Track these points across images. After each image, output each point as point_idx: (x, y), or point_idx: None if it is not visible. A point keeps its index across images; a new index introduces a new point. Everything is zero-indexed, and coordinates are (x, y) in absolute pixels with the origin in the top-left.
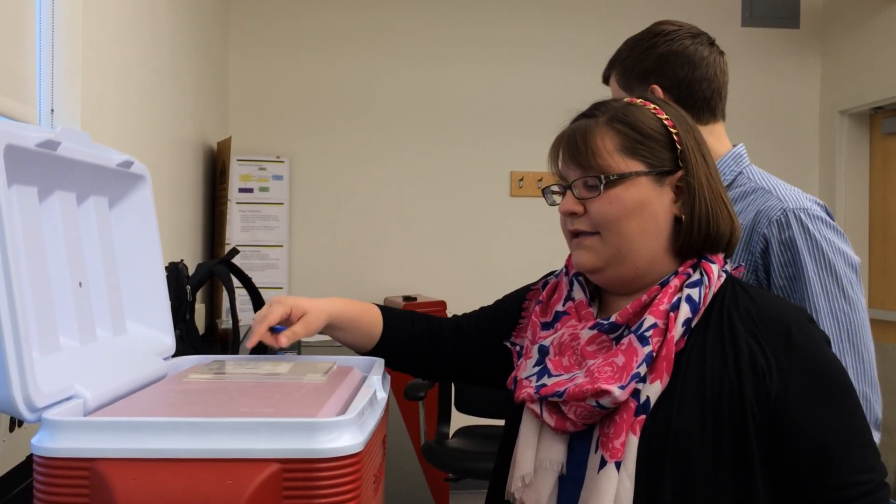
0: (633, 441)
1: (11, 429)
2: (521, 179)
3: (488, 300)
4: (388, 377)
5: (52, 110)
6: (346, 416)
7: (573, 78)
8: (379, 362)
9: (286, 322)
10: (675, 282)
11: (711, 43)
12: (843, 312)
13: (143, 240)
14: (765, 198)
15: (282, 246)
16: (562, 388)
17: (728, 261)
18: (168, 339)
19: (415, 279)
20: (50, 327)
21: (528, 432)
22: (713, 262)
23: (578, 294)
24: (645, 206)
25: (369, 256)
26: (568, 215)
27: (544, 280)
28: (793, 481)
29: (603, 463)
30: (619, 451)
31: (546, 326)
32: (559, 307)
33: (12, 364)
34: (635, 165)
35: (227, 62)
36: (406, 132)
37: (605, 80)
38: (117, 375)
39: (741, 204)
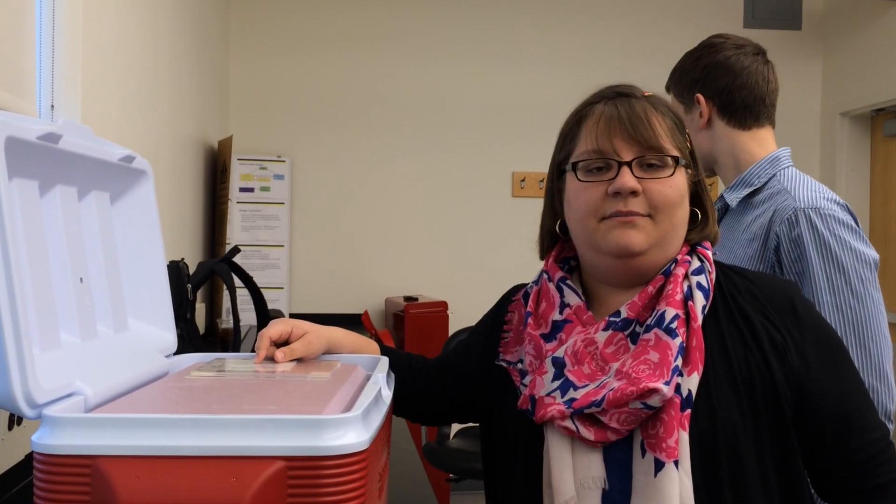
0: (685, 437)
1: (10, 427)
2: (523, 180)
3: (490, 300)
4: (393, 375)
5: (53, 106)
6: (351, 413)
7: (575, 79)
8: (384, 360)
9: (286, 340)
10: (679, 270)
11: (756, 53)
12: (849, 307)
13: (145, 236)
14: (783, 198)
15: (283, 246)
16: (598, 397)
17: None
18: (170, 337)
19: (416, 279)
20: (51, 323)
21: (560, 453)
22: (707, 249)
23: (573, 299)
24: (685, 195)
25: (370, 256)
26: (629, 193)
27: (525, 292)
28: (816, 450)
29: (659, 465)
30: (674, 450)
31: (548, 338)
32: (556, 316)
33: (12, 360)
34: (678, 153)
35: (228, 61)
36: (408, 132)
37: (668, 91)
38: (118, 372)
39: (766, 205)
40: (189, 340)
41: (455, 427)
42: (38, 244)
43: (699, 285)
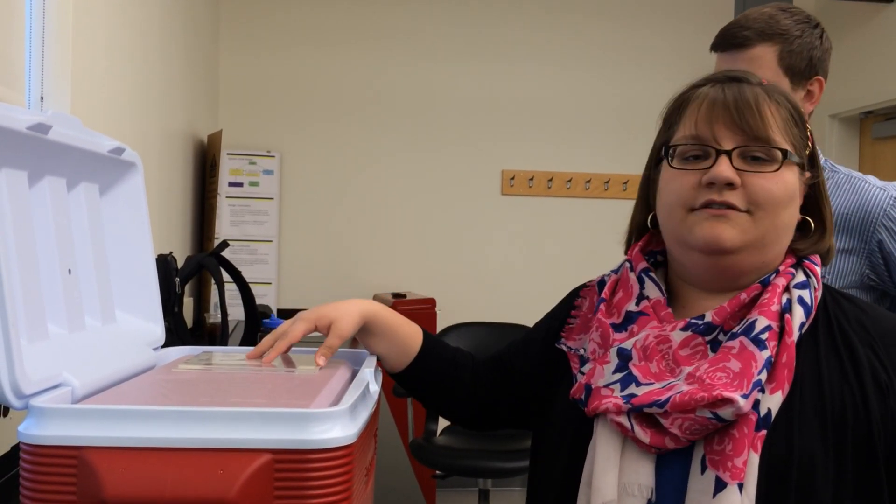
0: (755, 460)
1: None
2: (513, 178)
3: (478, 298)
4: (381, 371)
5: (42, 98)
6: (338, 407)
7: (566, 77)
8: (371, 357)
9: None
10: (780, 281)
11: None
12: None
13: (134, 228)
14: (865, 186)
15: (271, 241)
16: (663, 398)
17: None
18: (158, 329)
19: (405, 276)
20: (38, 314)
21: (607, 450)
22: (817, 265)
23: (653, 292)
24: (795, 198)
25: (359, 253)
26: (725, 185)
27: (600, 279)
28: None
29: (720, 485)
30: (741, 472)
31: (618, 328)
32: (631, 307)
33: (0, 350)
34: (790, 148)
35: (218, 55)
36: (397, 129)
37: (741, 46)
38: (106, 364)
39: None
40: (176, 334)
41: (442, 424)
42: (27, 235)
43: (800, 300)
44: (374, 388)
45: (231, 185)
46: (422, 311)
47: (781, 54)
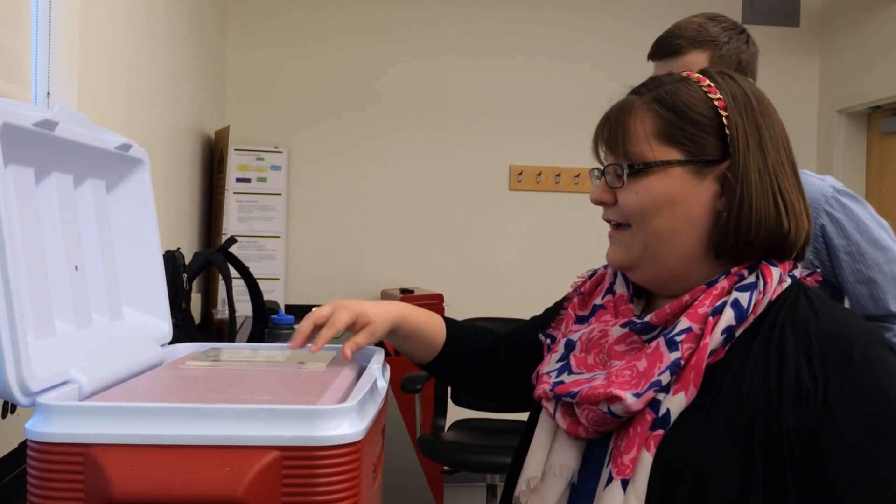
0: (646, 459)
1: (4, 415)
2: (520, 173)
3: (486, 293)
4: (388, 367)
5: (49, 94)
6: (346, 403)
7: (572, 72)
8: (379, 352)
9: (350, 329)
10: (723, 283)
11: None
12: None
13: (141, 224)
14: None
15: (279, 237)
16: (576, 389)
17: (799, 265)
18: (165, 326)
19: (412, 272)
20: (45, 311)
21: (542, 433)
22: (775, 266)
23: (620, 287)
24: (677, 201)
25: (367, 248)
26: (597, 204)
27: (593, 271)
28: None
29: (609, 479)
30: (627, 469)
31: (580, 320)
32: (598, 300)
33: (7, 347)
34: (671, 153)
35: (226, 50)
36: (405, 125)
37: (674, 53)
38: (113, 361)
39: None
40: (184, 330)
41: (450, 419)
42: (34, 232)
43: (735, 303)
44: (382, 385)
45: (239, 180)
46: (430, 306)
47: (712, 60)
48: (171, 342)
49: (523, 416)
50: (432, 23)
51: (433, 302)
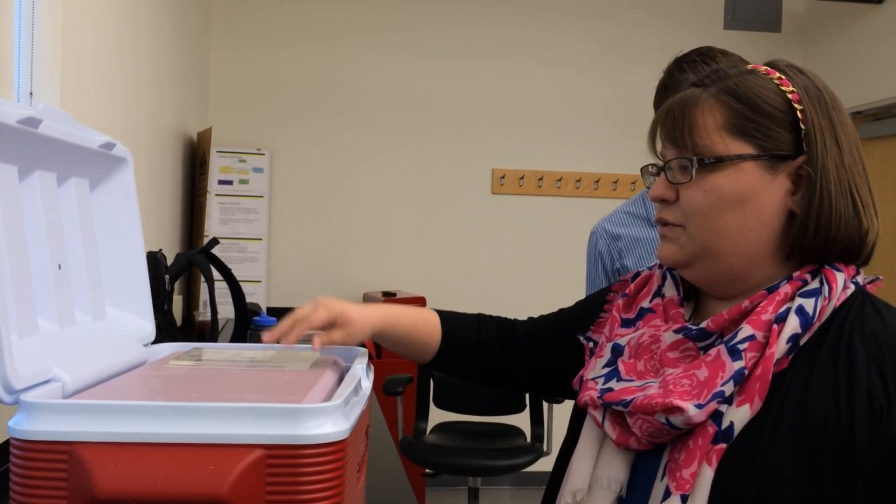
0: (707, 473)
1: None
2: (503, 177)
3: (468, 296)
4: (372, 367)
5: (31, 93)
6: (331, 402)
7: (557, 76)
8: (363, 352)
9: (328, 327)
10: (786, 288)
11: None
12: None
13: (124, 224)
14: None
15: (261, 239)
16: (629, 397)
17: (861, 271)
18: (148, 325)
19: (395, 275)
20: (28, 309)
21: (588, 442)
22: (839, 271)
23: (670, 290)
24: (748, 198)
25: (349, 251)
26: (658, 202)
27: (636, 272)
28: None
29: (667, 494)
30: (687, 483)
31: (627, 323)
32: (645, 303)
33: None
34: (743, 147)
35: (209, 52)
36: (388, 127)
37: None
38: (96, 360)
39: None
40: (166, 331)
41: (432, 422)
42: (17, 230)
43: (800, 309)
44: (367, 385)
45: (221, 182)
46: None
47: None
48: (154, 342)
49: (505, 419)
50: (415, 26)
51: (415, 305)
